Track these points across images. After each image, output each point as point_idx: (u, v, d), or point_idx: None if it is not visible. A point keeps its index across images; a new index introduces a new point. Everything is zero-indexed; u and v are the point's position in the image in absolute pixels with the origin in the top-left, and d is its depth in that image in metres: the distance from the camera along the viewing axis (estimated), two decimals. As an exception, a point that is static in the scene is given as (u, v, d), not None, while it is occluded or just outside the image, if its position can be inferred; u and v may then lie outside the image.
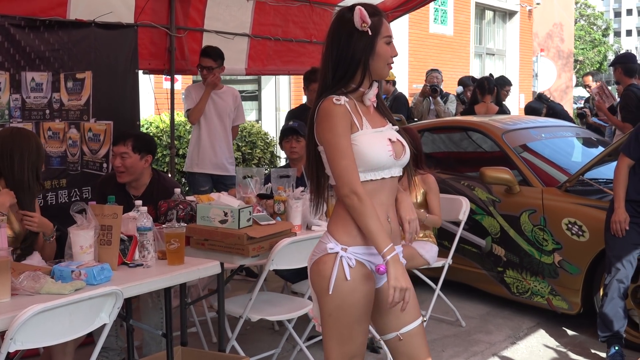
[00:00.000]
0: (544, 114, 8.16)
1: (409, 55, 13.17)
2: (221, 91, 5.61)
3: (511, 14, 16.75)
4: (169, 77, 5.72)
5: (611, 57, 29.85)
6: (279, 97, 11.21)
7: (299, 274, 4.30)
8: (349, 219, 2.34)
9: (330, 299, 2.34)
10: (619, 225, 3.95)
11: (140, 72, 5.11)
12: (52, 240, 3.38)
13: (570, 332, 4.69)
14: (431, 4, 13.37)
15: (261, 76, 10.59)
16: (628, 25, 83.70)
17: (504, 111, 7.49)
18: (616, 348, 4.02)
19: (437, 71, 8.73)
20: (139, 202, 3.32)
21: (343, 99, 2.34)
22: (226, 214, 3.34)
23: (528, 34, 17.20)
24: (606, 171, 4.75)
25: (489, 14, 16.33)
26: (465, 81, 8.94)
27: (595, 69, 29.92)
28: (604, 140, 6.45)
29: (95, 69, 4.60)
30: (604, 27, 37.59)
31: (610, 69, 7.86)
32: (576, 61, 28.72)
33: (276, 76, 10.50)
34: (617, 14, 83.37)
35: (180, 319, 3.42)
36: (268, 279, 4.67)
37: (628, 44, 73.48)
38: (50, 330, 2.46)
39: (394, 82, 8.31)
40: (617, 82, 6.70)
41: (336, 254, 2.34)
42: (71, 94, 4.53)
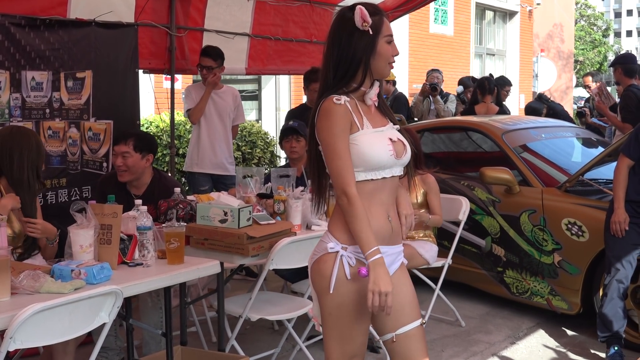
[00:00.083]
0: (544, 114, 8.16)
1: (409, 55, 13.17)
2: (221, 91, 5.61)
3: (511, 14, 16.75)
4: (169, 76, 5.72)
5: (611, 57, 29.82)
6: (279, 96, 11.21)
7: (298, 274, 4.30)
8: (349, 219, 2.34)
9: (330, 298, 2.34)
10: (619, 225, 3.95)
11: (141, 71, 5.11)
12: (54, 244, 3.38)
13: (570, 332, 4.69)
14: (431, 4, 13.37)
15: (261, 76, 10.59)
16: (628, 25, 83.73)
17: (504, 111, 7.49)
18: (616, 348, 4.03)
19: (437, 71, 8.70)
20: (138, 202, 3.32)
21: (344, 99, 2.34)
22: (226, 214, 3.34)
23: (528, 34, 17.20)
24: (606, 171, 4.75)
25: (489, 14, 16.33)
26: (466, 81, 8.92)
27: (595, 69, 29.87)
28: (603, 140, 6.45)
29: (95, 68, 4.60)
30: (604, 28, 37.57)
31: (610, 69, 7.85)
32: (576, 62, 28.72)
33: (276, 76, 10.50)
34: (618, 15, 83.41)
35: (180, 318, 3.42)
36: (268, 279, 4.66)
37: (628, 44, 73.51)
38: (50, 330, 2.45)
39: (394, 82, 8.29)
40: (617, 83, 6.69)
41: (336, 253, 2.34)
42: (71, 93, 4.52)
